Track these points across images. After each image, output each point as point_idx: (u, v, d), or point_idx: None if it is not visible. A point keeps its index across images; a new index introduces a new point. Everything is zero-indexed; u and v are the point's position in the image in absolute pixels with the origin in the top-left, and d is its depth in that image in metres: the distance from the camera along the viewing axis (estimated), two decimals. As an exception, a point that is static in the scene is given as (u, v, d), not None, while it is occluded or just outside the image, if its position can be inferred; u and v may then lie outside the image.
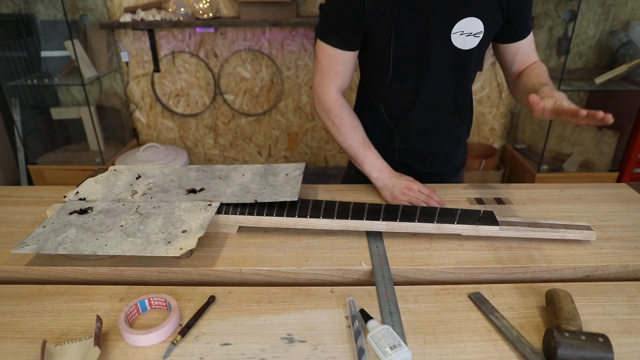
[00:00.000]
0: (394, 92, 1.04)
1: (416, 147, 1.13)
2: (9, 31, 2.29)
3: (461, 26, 0.92)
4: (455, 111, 1.08)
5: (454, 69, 1.00)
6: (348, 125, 1.01)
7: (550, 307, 0.67)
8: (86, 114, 2.35)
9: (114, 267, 0.78)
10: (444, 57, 0.96)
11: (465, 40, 0.94)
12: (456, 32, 0.93)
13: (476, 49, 0.97)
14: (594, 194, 1.05)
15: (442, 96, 1.04)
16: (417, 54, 0.96)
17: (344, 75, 1.02)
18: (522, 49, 1.02)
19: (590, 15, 2.33)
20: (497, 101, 2.61)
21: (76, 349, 0.61)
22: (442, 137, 1.12)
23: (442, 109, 1.06)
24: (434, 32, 0.93)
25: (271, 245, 0.84)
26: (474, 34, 0.94)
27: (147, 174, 1.01)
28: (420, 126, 1.09)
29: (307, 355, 0.61)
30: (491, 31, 0.96)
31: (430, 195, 0.94)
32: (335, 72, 1.00)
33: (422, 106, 1.04)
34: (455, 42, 0.94)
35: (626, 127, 2.31)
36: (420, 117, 1.07)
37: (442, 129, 1.10)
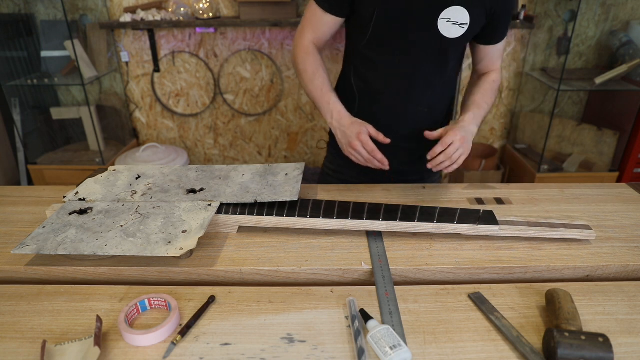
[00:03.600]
0: (367, 62, 1.06)
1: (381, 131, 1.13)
2: (9, 31, 2.29)
3: (449, 13, 0.94)
4: (429, 103, 1.08)
5: (435, 55, 1.00)
6: (309, 72, 1.04)
7: (550, 307, 0.67)
8: (86, 114, 2.35)
9: (114, 267, 0.78)
10: (427, 41, 0.98)
11: (450, 28, 0.95)
12: (443, 18, 0.94)
13: (459, 41, 0.98)
14: (594, 194, 1.05)
15: (416, 82, 1.04)
16: (399, 32, 0.97)
17: (321, 34, 1.06)
18: (491, 53, 1.08)
19: (590, 15, 2.33)
20: (497, 101, 2.60)
21: (76, 349, 0.61)
22: (410, 127, 1.11)
23: (414, 96, 1.06)
24: (420, 14, 0.94)
25: (271, 245, 0.84)
26: (459, 24, 0.95)
27: (146, 174, 1.01)
28: (389, 111, 1.09)
29: (307, 355, 0.61)
30: (475, 27, 0.97)
31: (372, 155, 0.92)
32: (313, 27, 1.05)
33: (394, 86, 1.05)
34: (441, 29, 0.95)
35: (626, 127, 2.31)
36: (389, 101, 1.07)
37: (411, 118, 1.10)
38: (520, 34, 2.41)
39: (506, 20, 1.02)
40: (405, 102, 1.07)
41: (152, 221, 0.83)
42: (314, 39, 1.06)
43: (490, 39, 1.05)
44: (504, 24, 1.02)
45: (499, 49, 1.08)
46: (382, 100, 1.08)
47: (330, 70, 2.50)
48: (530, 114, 2.56)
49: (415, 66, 1.02)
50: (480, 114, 1.01)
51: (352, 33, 1.07)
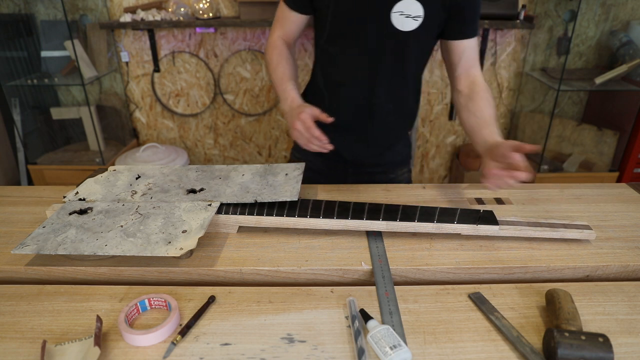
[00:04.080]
0: (329, 58, 1.08)
1: (345, 127, 1.13)
2: (9, 31, 2.29)
3: (401, 6, 0.94)
4: (393, 98, 1.09)
5: (392, 49, 1.01)
6: (273, 63, 1.07)
7: (550, 307, 0.67)
8: (86, 114, 2.35)
9: (114, 267, 0.78)
10: (382, 35, 0.98)
11: (404, 21, 0.96)
12: (396, 12, 0.95)
13: (415, 34, 0.98)
14: (594, 194, 1.05)
15: (376, 77, 1.05)
16: (354, 27, 0.99)
17: (288, 30, 1.10)
18: (467, 52, 1.03)
19: (590, 15, 2.33)
20: (497, 101, 2.61)
21: (76, 349, 0.61)
22: (375, 121, 1.12)
23: (376, 90, 1.07)
24: (374, 8, 0.95)
25: (271, 245, 0.84)
26: (413, 17, 0.95)
27: (146, 174, 1.01)
28: (352, 104, 1.10)
29: (307, 355, 0.61)
30: (432, 20, 0.97)
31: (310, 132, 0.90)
32: (281, 23, 1.10)
33: (356, 81, 1.06)
34: (394, 22, 0.96)
35: (626, 127, 2.31)
36: (352, 94, 1.08)
37: (377, 112, 1.10)
38: (520, 34, 2.41)
39: (472, 12, 0.99)
40: (368, 97, 1.08)
41: (152, 221, 0.83)
42: (282, 34, 1.11)
43: (459, 33, 1.01)
44: (470, 16, 0.99)
45: (473, 49, 1.04)
46: (347, 95, 1.09)
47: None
48: (530, 114, 2.56)
49: (374, 60, 1.03)
50: (497, 129, 1.03)
51: (316, 29, 1.09)
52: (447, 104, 2.61)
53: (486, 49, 2.43)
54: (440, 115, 2.64)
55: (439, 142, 2.74)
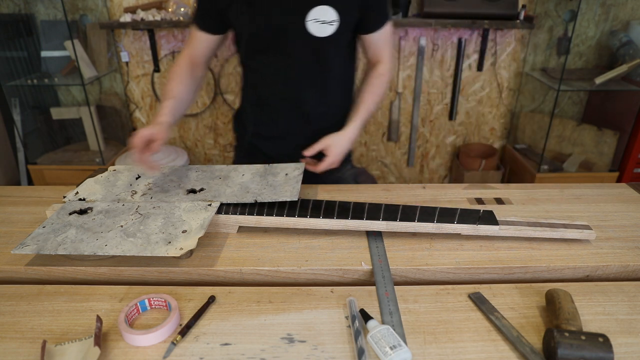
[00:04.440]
0: (254, 72, 1.10)
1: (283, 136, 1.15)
2: (9, 31, 2.29)
3: (315, 14, 0.96)
4: (326, 102, 1.10)
5: (313, 56, 1.02)
6: (168, 80, 1.06)
7: (550, 307, 0.67)
8: (86, 114, 2.35)
9: (114, 267, 0.78)
10: (301, 44, 0.99)
11: (320, 28, 0.97)
12: (311, 20, 0.96)
13: (334, 37, 0.99)
14: (594, 194, 1.05)
15: (302, 86, 1.06)
16: (273, 41, 1.00)
17: (197, 50, 1.09)
18: (375, 42, 1.08)
19: (590, 15, 2.33)
20: (497, 101, 2.61)
21: (76, 349, 0.61)
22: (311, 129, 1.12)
23: (305, 99, 1.08)
24: (290, 19, 0.96)
25: (271, 245, 0.84)
26: (328, 22, 0.97)
27: (146, 174, 1.01)
28: (286, 115, 1.11)
29: (307, 355, 0.61)
30: (348, 21, 0.99)
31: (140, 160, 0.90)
32: (190, 44, 1.09)
33: (285, 94, 1.08)
34: (311, 30, 0.97)
35: (626, 127, 2.30)
36: (284, 105, 1.10)
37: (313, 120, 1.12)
38: (520, 34, 2.41)
39: (379, 7, 1.02)
40: (300, 105, 1.09)
41: (152, 221, 0.83)
42: (190, 53, 1.09)
43: (366, 28, 1.05)
44: (377, 11, 1.02)
45: (383, 38, 1.07)
46: (279, 107, 1.11)
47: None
48: (530, 114, 2.56)
49: (298, 70, 1.04)
50: (366, 116, 1.07)
51: (237, 48, 1.10)
52: (447, 104, 2.61)
53: (486, 49, 2.43)
54: (440, 115, 2.65)
55: (439, 142, 2.74)
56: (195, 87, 1.10)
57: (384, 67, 1.10)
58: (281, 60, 1.03)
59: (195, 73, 1.10)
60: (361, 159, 2.79)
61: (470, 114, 2.64)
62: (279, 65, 1.04)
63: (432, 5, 2.22)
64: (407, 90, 2.56)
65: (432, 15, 2.23)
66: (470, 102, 2.61)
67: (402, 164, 2.82)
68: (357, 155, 2.78)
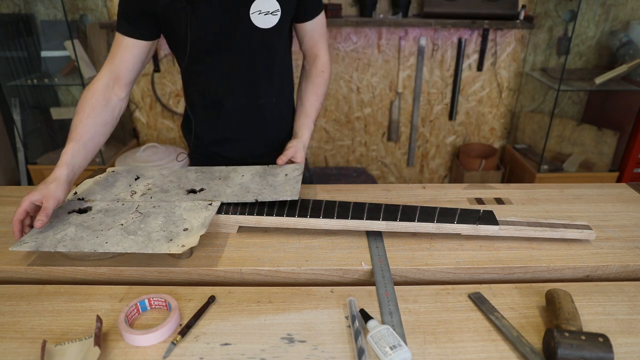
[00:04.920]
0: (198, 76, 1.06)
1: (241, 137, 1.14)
2: (9, 31, 2.29)
3: (258, 5, 0.95)
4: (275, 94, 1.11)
5: (260, 49, 1.01)
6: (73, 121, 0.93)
7: (550, 307, 0.67)
8: (86, 114, 2.35)
9: (114, 267, 0.78)
10: (248, 38, 0.98)
11: (264, 19, 0.96)
12: (255, 12, 0.95)
13: (278, 28, 0.99)
14: (594, 194, 1.05)
15: (255, 79, 1.05)
16: (220, 38, 0.98)
17: (123, 63, 0.96)
18: (310, 31, 1.08)
19: (590, 15, 2.33)
20: (497, 101, 2.61)
21: (76, 349, 0.61)
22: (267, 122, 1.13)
23: (257, 94, 1.08)
24: (234, 14, 0.95)
25: (271, 245, 0.84)
26: (272, 13, 0.96)
27: (145, 175, 1.01)
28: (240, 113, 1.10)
29: (307, 355, 0.61)
30: (288, 11, 0.99)
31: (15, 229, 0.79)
32: (113, 54, 0.97)
33: (235, 92, 1.06)
34: (256, 22, 0.96)
35: (626, 127, 2.31)
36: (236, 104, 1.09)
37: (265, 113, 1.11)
38: (520, 34, 2.41)
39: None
40: (253, 100, 1.08)
41: (152, 219, 0.83)
42: (113, 69, 0.96)
43: (302, 16, 1.05)
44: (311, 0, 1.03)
45: (318, 28, 1.08)
46: (233, 107, 1.09)
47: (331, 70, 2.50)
48: (530, 114, 2.56)
49: (247, 64, 1.03)
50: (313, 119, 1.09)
51: (176, 53, 1.06)
52: (447, 104, 2.61)
53: (486, 49, 2.43)
54: (440, 115, 2.65)
55: (439, 142, 2.74)
56: (111, 117, 0.96)
57: (323, 63, 1.11)
58: (229, 58, 1.01)
59: (116, 95, 0.97)
60: (361, 159, 2.80)
61: (470, 114, 2.64)
62: (227, 63, 1.02)
63: (432, 5, 2.22)
64: (407, 90, 2.56)
65: (432, 15, 2.23)
66: (470, 102, 2.61)
67: (402, 164, 2.82)
68: (357, 155, 2.78)
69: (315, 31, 1.09)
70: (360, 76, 2.53)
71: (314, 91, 1.10)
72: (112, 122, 0.97)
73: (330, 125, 2.68)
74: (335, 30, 2.40)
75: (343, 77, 2.54)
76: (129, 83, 0.99)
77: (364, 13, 2.31)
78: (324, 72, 1.11)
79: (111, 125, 0.97)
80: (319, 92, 1.10)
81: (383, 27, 2.39)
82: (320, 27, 1.09)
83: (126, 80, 0.98)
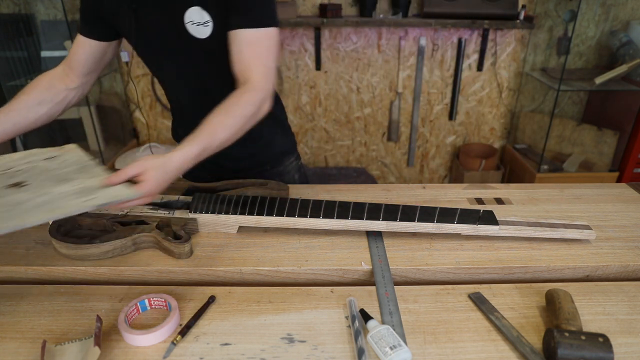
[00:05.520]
0: (163, 85, 1.07)
1: None
2: (9, 31, 2.29)
3: (190, 16, 0.91)
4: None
5: (203, 58, 0.98)
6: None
7: (550, 307, 0.67)
8: (86, 114, 2.35)
9: (114, 267, 0.78)
10: (187, 46, 0.95)
11: (198, 29, 0.92)
12: (189, 22, 0.92)
13: (213, 39, 0.92)
14: (594, 194, 1.05)
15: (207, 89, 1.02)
16: (161, 46, 0.96)
17: (76, 57, 0.99)
18: (239, 47, 0.87)
19: (590, 15, 2.33)
20: (497, 101, 2.61)
21: (76, 349, 0.61)
22: None
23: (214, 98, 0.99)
24: (171, 24, 0.92)
25: (271, 245, 0.84)
26: (203, 24, 0.92)
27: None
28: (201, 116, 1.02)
29: (307, 355, 0.61)
30: (221, 21, 0.91)
31: None
32: (72, 51, 1.00)
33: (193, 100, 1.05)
34: (192, 32, 0.93)
35: (626, 127, 2.31)
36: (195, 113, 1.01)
37: None
38: (520, 34, 2.41)
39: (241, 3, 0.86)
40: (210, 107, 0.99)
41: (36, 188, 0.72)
42: (68, 61, 1.00)
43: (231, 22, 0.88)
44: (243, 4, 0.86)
45: (245, 46, 0.86)
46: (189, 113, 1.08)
47: (330, 70, 2.50)
48: (530, 114, 2.56)
49: (193, 73, 1.00)
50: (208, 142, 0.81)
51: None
52: (447, 104, 2.61)
53: (486, 49, 2.43)
54: (440, 115, 2.65)
55: (439, 142, 2.74)
56: (50, 100, 0.97)
57: (252, 85, 0.86)
58: (176, 66, 1.00)
59: (64, 83, 0.99)
60: (361, 159, 2.80)
61: (470, 114, 2.64)
62: (177, 70, 1.01)
63: (432, 5, 2.22)
64: (407, 90, 2.57)
65: (432, 15, 2.23)
66: (470, 102, 2.61)
67: (402, 164, 2.82)
68: (357, 155, 2.78)
69: (244, 50, 0.86)
70: (360, 76, 2.53)
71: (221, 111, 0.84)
72: (51, 105, 0.98)
73: (330, 125, 2.68)
74: (335, 30, 2.40)
75: (343, 77, 2.54)
76: (82, 76, 1.01)
77: (364, 13, 2.31)
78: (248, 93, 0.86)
79: (48, 106, 0.98)
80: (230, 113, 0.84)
81: (383, 27, 2.39)
82: (250, 46, 0.86)
83: (78, 72, 1.00)
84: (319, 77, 2.54)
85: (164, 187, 0.75)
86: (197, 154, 0.79)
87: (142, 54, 1.01)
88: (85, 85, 1.04)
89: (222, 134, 0.82)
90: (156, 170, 0.74)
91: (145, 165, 0.74)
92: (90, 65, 1.01)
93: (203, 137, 0.81)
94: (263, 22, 0.86)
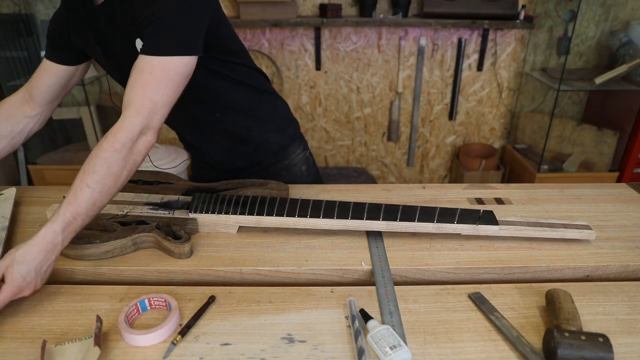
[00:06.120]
0: None
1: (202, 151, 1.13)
2: (9, 31, 2.29)
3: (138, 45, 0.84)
4: (216, 115, 1.03)
5: None
6: None
7: (550, 307, 0.67)
8: (86, 114, 2.35)
9: (114, 267, 0.78)
10: None
11: None
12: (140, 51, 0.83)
13: None
14: (594, 194, 1.05)
15: (186, 111, 0.99)
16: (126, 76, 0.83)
17: (39, 81, 0.94)
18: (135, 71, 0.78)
19: (590, 15, 2.33)
20: (497, 101, 2.61)
21: (76, 349, 0.61)
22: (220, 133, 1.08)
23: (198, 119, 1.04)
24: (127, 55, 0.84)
25: (271, 245, 0.84)
26: None
27: None
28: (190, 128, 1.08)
29: (307, 355, 0.61)
30: None
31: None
32: (35, 77, 0.95)
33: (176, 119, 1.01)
34: None
35: (626, 127, 2.31)
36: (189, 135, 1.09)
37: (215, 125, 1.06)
38: (520, 34, 2.41)
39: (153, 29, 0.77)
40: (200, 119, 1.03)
41: None
42: (29, 86, 0.95)
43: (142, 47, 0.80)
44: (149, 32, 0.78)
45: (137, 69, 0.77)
46: (189, 140, 1.10)
47: (330, 70, 2.50)
48: (530, 114, 2.56)
49: None
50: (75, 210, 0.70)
51: None
52: (447, 104, 2.61)
53: (486, 49, 2.43)
54: (440, 115, 2.65)
55: (439, 142, 2.74)
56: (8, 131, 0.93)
57: (121, 122, 0.74)
58: None
59: (23, 112, 0.94)
60: (361, 159, 2.80)
61: (470, 114, 2.64)
62: None
63: (432, 5, 2.22)
64: (407, 90, 2.56)
65: (432, 15, 2.23)
66: (470, 102, 2.61)
67: (402, 164, 2.82)
68: (357, 156, 2.78)
69: (132, 77, 0.77)
70: (360, 76, 2.53)
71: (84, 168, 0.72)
72: (10, 135, 0.94)
73: (330, 125, 2.68)
74: (335, 30, 2.40)
75: (343, 77, 2.54)
76: (43, 104, 0.96)
77: (364, 13, 2.31)
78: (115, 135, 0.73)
79: (6, 140, 0.93)
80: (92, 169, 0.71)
81: (383, 27, 2.39)
82: (138, 73, 0.76)
83: (39, 100, 0.95)
84: (319, 77, 2.54)
85: (43, 272, 0.69)
86: (64, 227, 0.69)
87: (118, 81, 0.99)
88: (46, 112, 0.99)
89: (89, 196, 0.70)
90: (19, 264, 0.67)
91: (5, 264, 0.67)
92: (54, 92, 0.97)
93: (65, 207, 0.70)
94: (161, 51, 0.76)
